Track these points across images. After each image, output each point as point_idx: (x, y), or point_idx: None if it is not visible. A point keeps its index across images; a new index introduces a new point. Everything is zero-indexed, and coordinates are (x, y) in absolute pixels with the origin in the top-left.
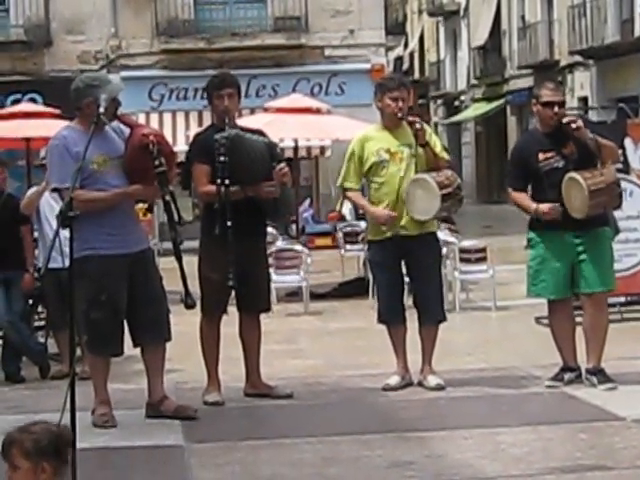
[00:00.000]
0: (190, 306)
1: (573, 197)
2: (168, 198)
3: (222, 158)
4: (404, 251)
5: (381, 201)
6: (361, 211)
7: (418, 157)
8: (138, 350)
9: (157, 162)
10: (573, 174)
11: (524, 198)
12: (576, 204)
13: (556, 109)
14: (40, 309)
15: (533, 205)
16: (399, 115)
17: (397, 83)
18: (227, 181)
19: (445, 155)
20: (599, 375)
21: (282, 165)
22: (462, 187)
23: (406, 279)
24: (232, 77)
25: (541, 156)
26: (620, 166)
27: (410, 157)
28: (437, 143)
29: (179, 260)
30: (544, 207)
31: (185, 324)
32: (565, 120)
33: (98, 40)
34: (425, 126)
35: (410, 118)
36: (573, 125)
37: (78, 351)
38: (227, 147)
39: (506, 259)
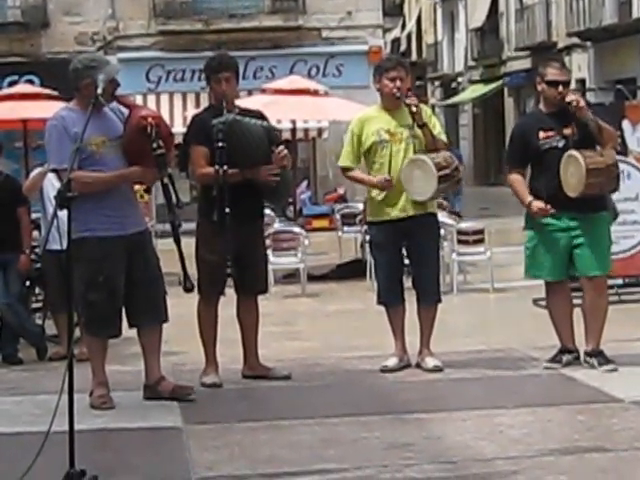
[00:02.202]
0: (189, 289)
1: (570, 174)
2: (166, 181)
3: (220, 144)
4: (404, 232)
5: None
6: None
7: (417, 138)
8: (135, 332)
9: (155, 145)
10: (573, 152)
11: (521, 184)
12: (572, 182)
13: (560, 88)
14: (37, 291)
15: (528, 198)
16: (397, 94)
17: (394, 63)
18: (225, 166)
19: (444, 137)
20: (599, 357)
21: (281, 148)
22: (460, 169)
23: (405, 260)
24: (230, 59)
25: (542, 134)
26: (618, 148)
27: (410, 138)
28: (437, 125)
29: (177, 243)
30: (536, 205)
31: (183, 306)
32: (568, 99)
33: (95, 22)
34: (424, 107)
35: (407, 100)
36: (574, 103)
37: (76, 333)
38: (225, 132)
39: (503, 241)
